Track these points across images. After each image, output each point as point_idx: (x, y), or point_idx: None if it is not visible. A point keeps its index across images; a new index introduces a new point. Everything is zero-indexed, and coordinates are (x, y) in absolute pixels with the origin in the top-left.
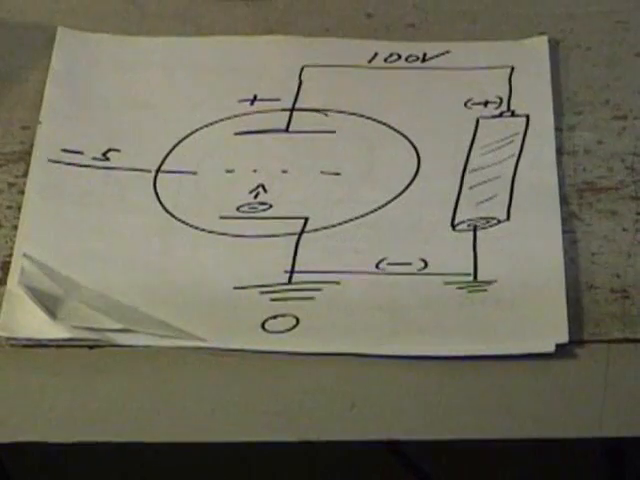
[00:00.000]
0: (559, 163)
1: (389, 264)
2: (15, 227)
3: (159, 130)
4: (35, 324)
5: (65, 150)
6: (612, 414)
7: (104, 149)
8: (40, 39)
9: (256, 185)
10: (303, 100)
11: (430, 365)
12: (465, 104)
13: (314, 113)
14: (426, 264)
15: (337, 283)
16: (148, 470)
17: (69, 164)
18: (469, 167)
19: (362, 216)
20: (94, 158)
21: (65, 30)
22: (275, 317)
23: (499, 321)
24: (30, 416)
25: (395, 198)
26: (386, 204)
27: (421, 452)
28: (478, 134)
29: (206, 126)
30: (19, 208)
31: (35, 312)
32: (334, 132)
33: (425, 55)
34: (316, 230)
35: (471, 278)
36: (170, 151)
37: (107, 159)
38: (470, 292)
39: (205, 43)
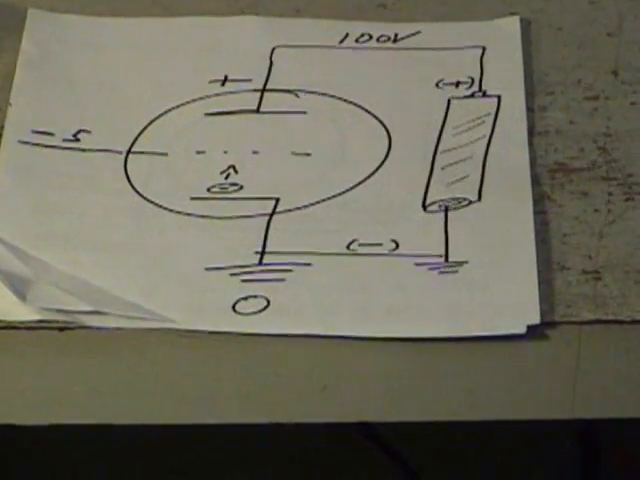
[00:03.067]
0: (530, 144)
1: (360, 245)
2: None
3: (130, 111)
4: (4, 306)
5: (35, 131)
6: (584, 395)
7: (74, 130)
8: (10, 20)
9: (227, 166)
10: (274, 81)
11: (401, 346)
12: (437, 84)
13: (285, 94)
14: (397, 245)
15: (308, 264)
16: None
17: (40, 145)
18: (440, 148)
19: (333, 197)
20: (65, 139)
21: (35, 11)
22: (246, 298)
23: (470, 302)
24: (0, 398)
25: (366, 179)
26: (357, 185)
27: (398, 436)
28: (449, 114)
29: (177, 107)
30: None
31: (4, 294)
32: (305, 113)
33: (396, 35)
34: (287, 211)
35: (442, 259)
36: (141, 132)
37: (78, 140)
38: (441, 273)
39: (175, 24)
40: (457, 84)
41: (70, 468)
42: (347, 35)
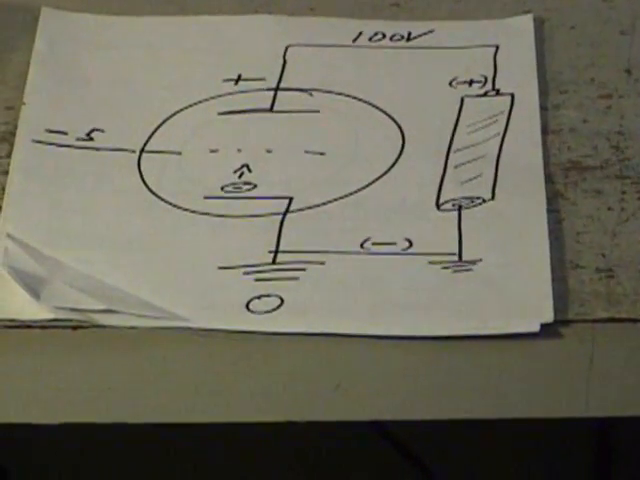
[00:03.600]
0: (544, 142)
1: (374, 244)
2: None
3: (143, 110)
4: (18, 305)
5: (49, 130)
6: (597, 393)
7: (88, 129)
8: (23, 19)
9: (240, 165)
10: (287, 80)
11: (415, 345)
12: (450, 83)
13: (298, 93)
14: (411, 244)
15: (321, 263)
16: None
17: (53, 144)
18: (454, 146)
19: (347, 196)
20: (78, 138)
21: (48, 10)
22: (259, 297)
23: (484, 300)
24: (14, 397)
25: (380, 178)
26: (371, 184)
27: (411, 435)
28: (463, 113)
29: (190, 106)
30: (2, 189)
31: (19, 293)
32: (318, 112)
33: (410, 34)
34: (300, 210)
35: (456, 258)
36: (154, 131)
37: (91, 139)
38: (455, 272)
39: (189, 22)
40: (470, 82)
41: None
42: (360, 34)
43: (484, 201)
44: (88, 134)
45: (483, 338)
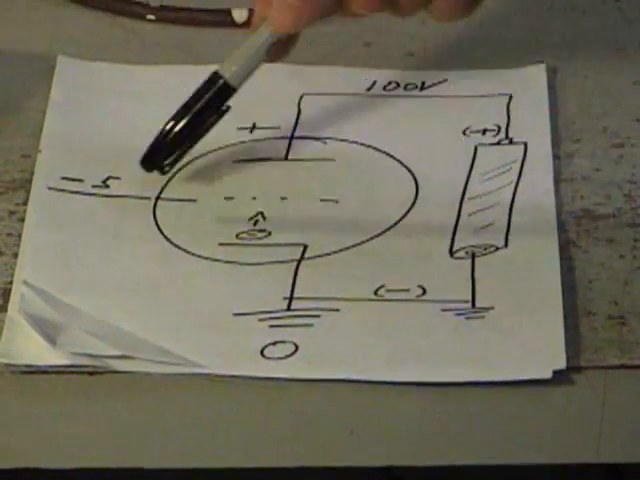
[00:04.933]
0: (557, 190)
1: (387, 291)
2: (15, 255)
3: None
4: (35, 350)
5: (65, 178)
6: (609, 440)
7: (104, 177)
8: (40, 68)
9: (255, 212)
10: (302, 128)
11: (428, 391)
12: (463, 132)
13: (313, 141)
14: (424, 291)
15: (336, 310)
16: None
17: (69, 192)
18: (467, 194)
19: (361, 243)
20: (94, 186)
21: (65, 59)
22: (274, 343)
23: (497, 347)
24: (30, 442)
25: (393, 225)
26: (384, 231)
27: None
28: (476, 161)
29: (205, 154)
30: (19, 236)
31: (35, 339)
32: (333, 160)
33: (424, 83)
34: (315, 257)
35: (469, 305)
36: (170, 179)
37: (107, 186)
38: (468, 319)
39: (204, 72)
40: (484, 131)
41: None
42: (375, 83)
43: (497, 249)
44: (104, 181)
45: (496, 384)
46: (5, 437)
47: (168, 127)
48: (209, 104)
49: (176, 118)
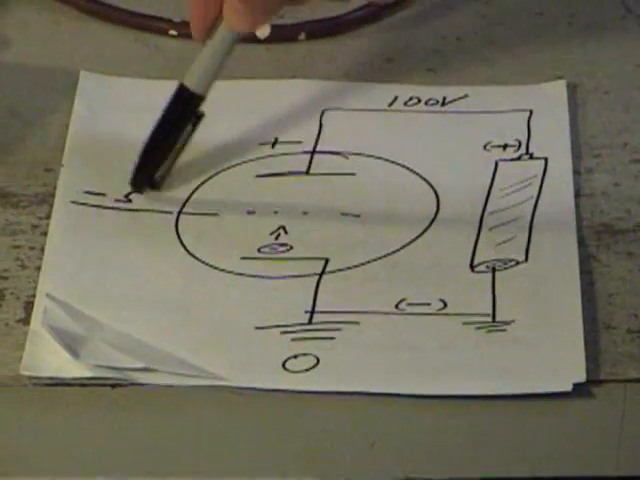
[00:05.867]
0: (577, 205)
1: (408, 304)
2: (38, 268)
3: (181, 172)
4: (58, 363)
5: (88, 192)
6: (628, 453)
7: (126, 191)
8: (63, 83)
9: (277, 227)
10: (324, 143)
11: (448, 404)
12: (484, 147)
13: (334, 156)
14: (445, 304)
15: (357, 323)
16: None
17: (91, 206)
18: (488, 209)
19: (382, 257)
20: (117, 200)
21: (87, 74)
22: (296, 357)
23: (517, 360)
24: (53, 454)
25: (415, 240)
26: (406, 245)
27: None
28: (497, 177)
29: (228, 168)
30: (42, 249)
31: (58, 351)
32: (354, 174)
33: (445, 99)
34: (336, 271)
35: (490, 318)
36: (192, 193)
37: (129, 201)
38: (488, 332)
39: (226, 87)
40: (504, 147)
41: None
42: (396, 98)
43: (518, 263)
44: (126, 196)
45: (516, 397)
46: (28, 449)
47: (147, 145)
48: (181, 116)
49: (153, 134)
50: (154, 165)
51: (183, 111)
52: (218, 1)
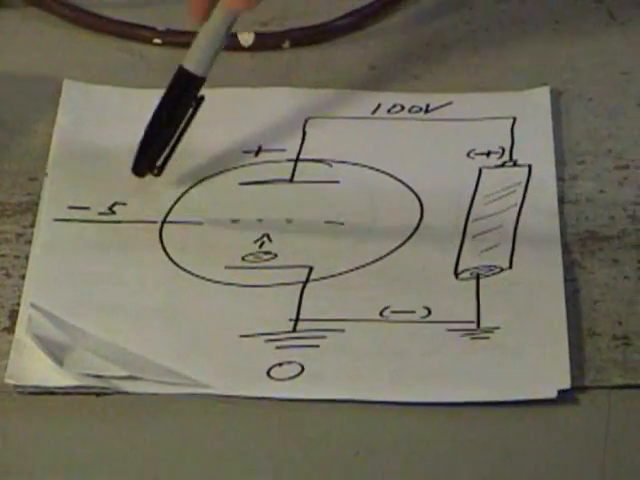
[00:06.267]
0: (561, 212)
1: (393, 312)
2: (23, 277)
3: (164, 181)
4: (42, 372)
5: (71, 207)
6: (614, 459)
7: (110, 203)
8: (47, 91)
9: (261, 235)
10: (307, 151)
11: (433, 411)
12: (468, 154)
13: (318, 164)
14: (429, 312)
15: (341, 331)
16: None
17: (75, 221)
18: (472, 216)
19: (366, 265)
20: (100, 213)
21: (71, 82)
22: (280, 364)
23: (502, 367)
24: (37, 463)
25: (399, 247)
26: (390, 253)
27: None
28: (481, 184)
29: (211, 176)
30: (27, 258)
31: (43, 360)
32: (338, 182)
33: (428, 106)
34: (321, 279)
35: (474, 325)
36: (175, 202)
37: (113, 212)
38: (473, 339)
39: (209, 94)
40: (488, 154)
41: None
42: (379, 106)
43: (502, 270)
44: (110, 207)
45: (500, 404)
46: (12, 457)
47: (149, 130)
48: (182, 99)
49: (154, 119)
50: (156, 151)
51: (183, 94)
52: None
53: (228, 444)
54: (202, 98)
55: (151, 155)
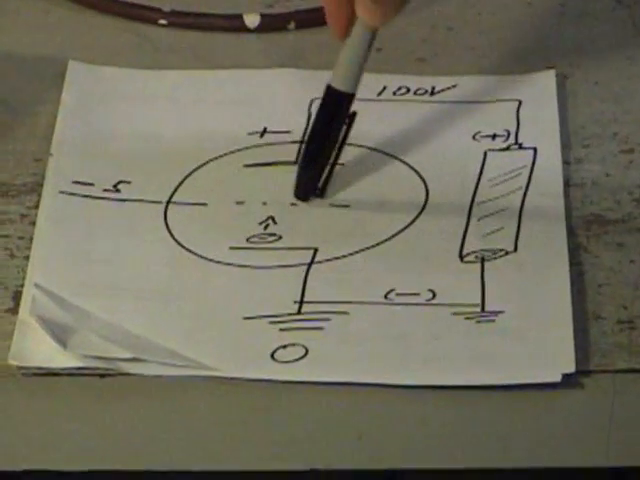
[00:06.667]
0: (566, 195)
1: (398, 295)
2: (27, 258)
3: (169, 162)
4: (46, 353)
5: (76, 182)
6: (618, 443)
7: (115, 181)
8: (51, 72)
9: (266, 217)
10: None
11: (437, 395)
12: (473, 137)
13: None
14: (434, 295)
15: (346, 313)
16: None
17: (80, 195)
18: (477, 199)
19: (371, 247)
20: (105, 190)
21: (76, 64)
22: (284, 347)
23: (506, 351)
24: (41, 444)
25: (403, 230)
26: (394, 235)
27: None
28: (486, 166)
29: (216, 158)
30: (31, 239)
31: (46, 341)
32: (343, 164)
33: (434, 88)
34: (325, 261)
35: (479, 309)
36: (180, 183)
37: (118, 191)
38: (478, 322)
39: (215, 76)
40: (493, 137)
41: None
42: (385, 88)
43: (507, 253)
44: (115, 185)
45: (505, 388)
46: (16, 439)
47: (305, 153)
48: (334, 118)
49: (309, 142)
50: (316, 172)
51: (335, 113)
52: (351, 0)
53: (231, 425)
54: (354, 114)
55: (312, 178)
